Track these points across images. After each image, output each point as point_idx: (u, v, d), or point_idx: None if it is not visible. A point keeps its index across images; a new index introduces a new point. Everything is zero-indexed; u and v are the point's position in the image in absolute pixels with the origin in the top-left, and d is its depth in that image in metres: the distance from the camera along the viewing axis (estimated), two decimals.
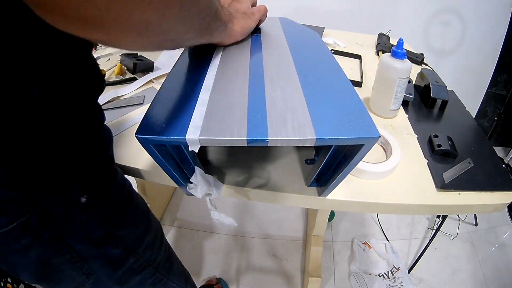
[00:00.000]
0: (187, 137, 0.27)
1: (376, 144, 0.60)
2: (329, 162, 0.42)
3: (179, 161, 0.38)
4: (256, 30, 0.52)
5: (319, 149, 0.40)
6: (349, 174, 0.52)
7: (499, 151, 1.75)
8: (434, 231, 1.23)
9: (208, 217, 1.40)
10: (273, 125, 0.28)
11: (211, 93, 0.33)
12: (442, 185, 0.52)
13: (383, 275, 1.17)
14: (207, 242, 1.30)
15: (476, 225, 1.42)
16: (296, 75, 0.37)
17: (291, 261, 1.24)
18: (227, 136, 0.27)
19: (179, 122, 0.29)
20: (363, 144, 0.30)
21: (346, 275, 1.21)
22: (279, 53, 0.44)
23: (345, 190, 0.50)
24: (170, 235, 1.32)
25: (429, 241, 1.23)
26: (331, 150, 0.38)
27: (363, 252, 1.25)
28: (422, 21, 1.44)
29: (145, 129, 0.28)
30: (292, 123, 0.29)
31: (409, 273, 1.19)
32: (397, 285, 1.13)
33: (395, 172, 0.54)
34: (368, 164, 0.52)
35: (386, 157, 0.56)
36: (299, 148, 0.56)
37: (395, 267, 1.18)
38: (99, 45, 1.00)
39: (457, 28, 1.44)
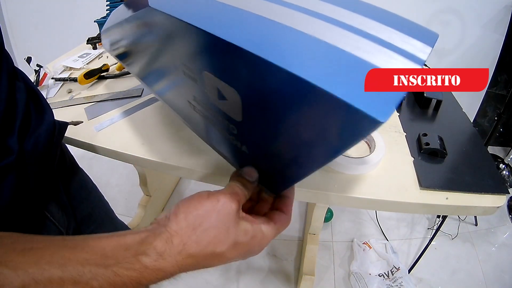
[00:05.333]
0: None
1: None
2: None
3: None
4: None
5: None
6: (329, 167, 0.52)
7: (499, 151, 1.75)
8: (434, 231, 1.23)
9: None
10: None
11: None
12: (426, 184, 0.51)
13: (383, 275, 1.17)
14: None
15: (476, 225, 1.42)
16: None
17: (291, 261, 1.24)
18: None
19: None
20: None
21: (346, 275, 1.20)
22: None
23: (324, 183, 0.50)
24: None
25: (429, 241, 1.23)
26: None
27: (363, 252, 1.24)
28: (422, 21, 1.44)
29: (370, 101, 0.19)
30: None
31: (409, 273, 1.18)
32: (397, 285, 1.13)
33: (377, 169, 0.54)
34: (349, 158, 0.52)
35: (370, 153, 0.56)
36: None
37: (395, 267, 1.18)
38: None
39: (457, 28, 1.44)
